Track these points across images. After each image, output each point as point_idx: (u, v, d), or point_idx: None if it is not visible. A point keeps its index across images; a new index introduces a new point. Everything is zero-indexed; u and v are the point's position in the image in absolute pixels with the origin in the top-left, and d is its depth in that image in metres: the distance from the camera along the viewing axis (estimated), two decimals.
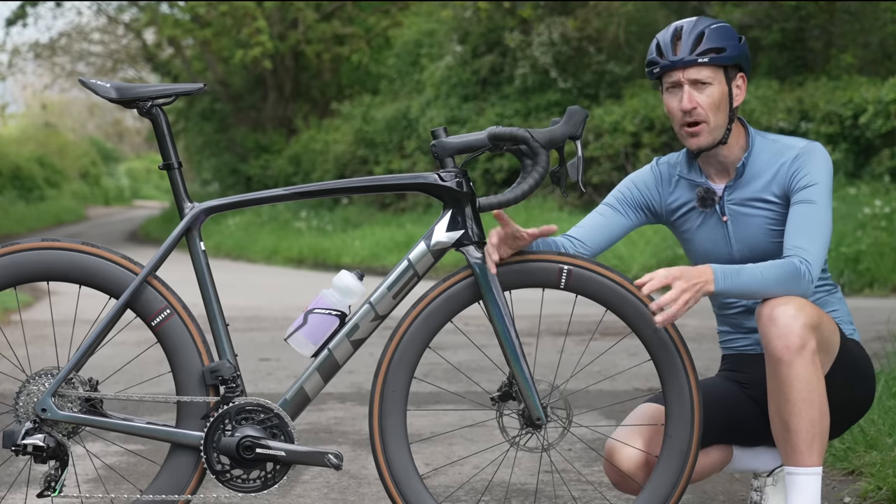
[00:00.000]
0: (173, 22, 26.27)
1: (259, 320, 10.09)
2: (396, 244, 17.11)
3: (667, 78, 3.37)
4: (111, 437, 4.58)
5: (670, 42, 3.35)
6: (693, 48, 3.32)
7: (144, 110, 3.30)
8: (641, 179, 3.52)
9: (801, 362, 3.16)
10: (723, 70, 3.34)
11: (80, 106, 53.00)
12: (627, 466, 3.37)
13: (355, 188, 3.39)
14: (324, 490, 4.35)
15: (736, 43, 3.35)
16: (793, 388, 3.17)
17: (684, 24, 3.38)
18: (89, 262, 3.27)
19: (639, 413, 3.46)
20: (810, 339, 3.17)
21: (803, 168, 3.31)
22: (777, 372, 3.18)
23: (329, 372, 3.29)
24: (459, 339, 5.36)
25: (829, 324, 3.29)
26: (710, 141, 3.36)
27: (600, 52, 18.07)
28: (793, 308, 3.17)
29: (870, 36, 16.31)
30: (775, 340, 3.17)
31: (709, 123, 3.34)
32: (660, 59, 3.37)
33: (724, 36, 3.34)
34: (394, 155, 20.89)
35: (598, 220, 3.51)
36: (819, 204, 3.28)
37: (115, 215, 39.66)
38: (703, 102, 3.33)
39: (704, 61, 3.31)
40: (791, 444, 3.21)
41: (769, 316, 3.18)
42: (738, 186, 3.40)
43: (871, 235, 11.68)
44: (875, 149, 13.71)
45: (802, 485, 3.21)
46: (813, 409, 3.18)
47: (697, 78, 3.33)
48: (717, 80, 3.34)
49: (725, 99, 3.35)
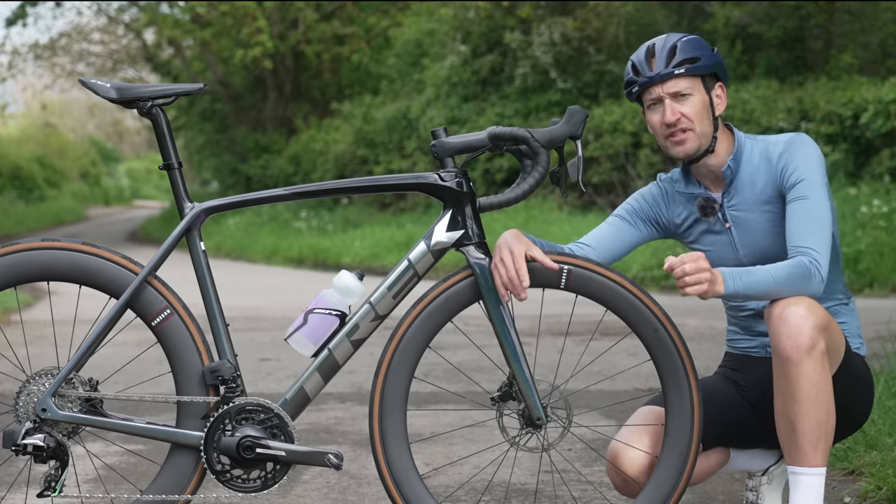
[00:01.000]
0: (173, 22, 26.27)
1: (259, 320, 10.09)
2: (396, 244, 17.11)
3: (647, 96, 3.39)
4: (111, 437, 4.58)
5: (645, 60, 3.37)
6: (668, 61, 3.34)
7: (144, 110, 3.30)
8: (650, 193, 3.54)
9: (809, 362, 3.15)
10: (700, 79, 3.36)
11: (80, 106, 53.04)
12: (632, 470, 3.36)
13: (355, 188, 3.39)
14: (324, 490, 4.35)
15: (709, 52, 3.37)
16: (801, 388, 3.16)
17: (656, 41, 3.41)
18: (89, 262, 3.27)
19: (640, 416, 3.46)
20: (820, 340, 3.17)
21: (790, 163, 3.31)
22: (786, 371, 3.18)
23: (329, 372, 3.29)
24: (459, 339, 5.37)
25: (836, 329, 3.29)
26: (696, 147, 3.36)
27: (600, 53, 18.07)
28: (803, 308, 3.17)
29: (870, 36, 16.31)
30: (785, 340, 3.16)
31: (695, 130, 3.35)
32: (637, 77, 3.38)
33: (696, 47, 3.36)
34: (394, 155, 20.89)
35: (609, 230, 3.51)
36: (813, 198, 3.27)
37: (115, 215, 39.66)
38: (687, 112, 3.35)
39: (681, 72, 3.33)
40: (796, 444, 3.20)
41: (779, 316, 3.18)
42: (735, 192, 3.40)
43: (871, 235, 11.68)
44: (875, 149, 13.70)
45: (806, 485, 3.21)
46: (820, 410, 3.18)
47: (677, 90, 3.34)
48: (697, 90, 3.35)
49: (707, 107, 3.36)
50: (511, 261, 3.22)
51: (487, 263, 3.28)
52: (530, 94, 18.68)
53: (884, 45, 16.20)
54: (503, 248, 3.24)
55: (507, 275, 3.22)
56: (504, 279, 3.23)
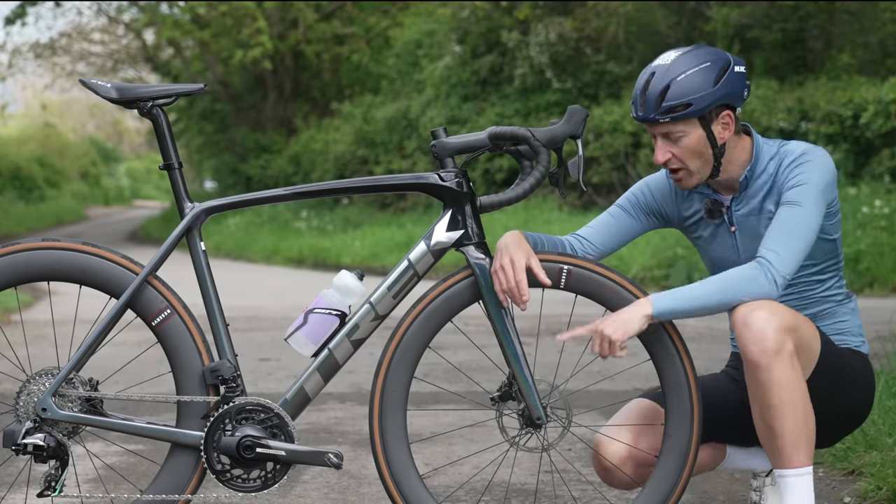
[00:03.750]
0: (172, 23, 26.26)
1: (259, 320, 10.09)
2: (396, 244, 17.11)
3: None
4: (111, 437, 4.58)
5: (639, 94, 3.26)
6: (656, 106, 3.22)
7: (145, 110, 3.31)
8: (657, 185, 3.48)
9: (779, 365, 3.12)
10: (696, 119, 3.23)
11: (80, 106, 53.03)
12: (613, 459, 3.37)
13: (355, 188, 3.39)
14: (324, 490, 4.35)
15: (709, 90, 3.19)
16: (773, 393, 3.13)
17: (656, 70, 3.24)
18: (90, 262, 3.27)
19: (630, 407, 3.46)
20: (787, 342, 3.13)
21: (797, 170, 3.25)
22: (756, 378, 3.15)
23: (329, 372, 3.29)
24: (459, 339, 5.36)
25: (806, 328, 3.24)
26: (695, 182, 3.31)
27: (598, 53, 18.07)
28: (765, 312, 3.13)
29: (869, 36, 16.31)
30: (750, 346, 3.13)
31: (687, 169, 3.28)
32: (633, 111, 3.31)
33: (694, 86, 3.19)
34: (394, 155, 20.89)
35: (608, 222, 3.49)
36: (803, 206, 3.20)
37: (115, 215, 39.66)
38: (678, 153, 3.26)
39: (665, 121, 3.22)
40: (777, 447, 3.18)
41: (742, 322, 3.14)
42: (745, 198, 3.35)
43: (871, 235, 11.68)
44: (875, 149, 13.71)
45: (794, 486, 3.20)
46: (796, 411, 3.14)
47: (666, 132, 3.25)
48: (691, 129, 3.24)
49: (703, 143, 3.25)
50: (511, 271, 3.21)
51: (487, 263, 3.28)
52: (530, 94, 18.68)
53: (883, 45, 16.19)
54: (503, 255, 3.24)
55: (507, 285, 3.22)
56: (504, 288, 3.23)
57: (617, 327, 3.16)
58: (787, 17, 16.16)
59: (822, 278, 3.37)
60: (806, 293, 3.37)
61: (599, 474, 3.46)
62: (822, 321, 3.39)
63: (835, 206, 3.31)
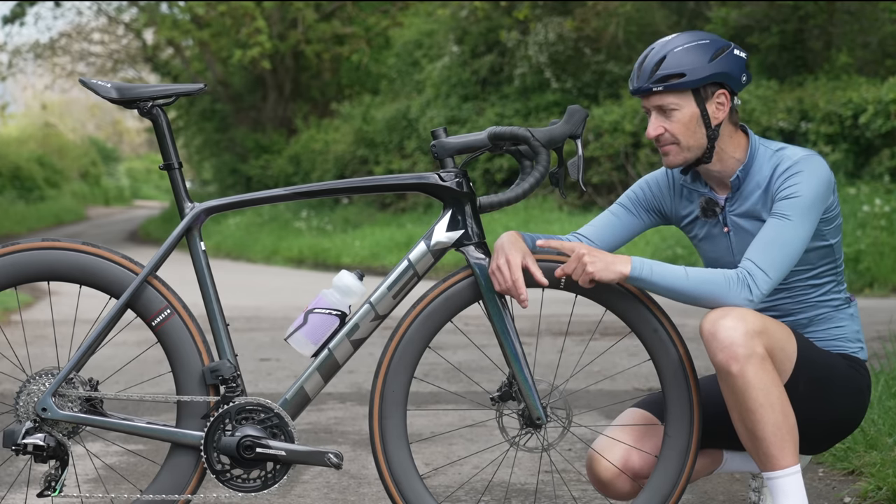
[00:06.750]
0: (172, 23, 26.27)
1: (259, 320, 10.09)
2: (396, 244, 17.11)
3: (642, 101, 3.34)
4: (111, 437, 4.58)
5: (637, 67, 3.28)
6: (650, 76, 3.24)
7: (145, 110, 3.31)
8: (656, 181, 3.47)
9: (751, 369, 3.11)
10: (690, 92, 3.24)
11: (80, 106, 53.05)
12: (606, 474, 3.37)
13: (355, 188, 3.39)
14: (324, 490, 4.35)
15: (705, 63, 3.20)
16: (749, 397, 3.12)
17: (655, 46, 3.28)
18: (90, 262, 3.28)
19: (624, 418, 3.46)
20: (756, 345, 3.12)
21: (789, 181, 3.22)
22: (730, 385, 3.14)
23: (329, 372, 3.30)
24: (459, 339, 5.37)
25: (779, 331, 3.22)
26: (681, 161, 3.29)
27: (598, 53, 18.07)
28: (731, 319, 3.13)
29: (869, 36, 16.31)
30: (719, 354, 3.13)
31: (679, 144, 3.27)
32: (630, 85, 3.33)
33: (689, 58, 3.21)
34: (394, 155, 20.89)
35: (609, 220, 3.48)
36: (792, 219, 3.18)
37: (115, 215, 39.66)
38: (671, 127, 3.26)
39: (659, 90, 3.23)
40: (762, 451, 3.17)
41: (710, 331, 3.14)
42: (739, 199, 3.33)
43: (871, 235, 11.67)
44: (875, 149, 13.71)
45: (784, 487, 3.18)
46: (775, 413, 3.13)
47: (660, 104, 3.26)
48: (685, 104, 3.24)
49: (697, 120, 3.25)
50: (507, 271, 3.21)
51: (487, 263, 3.28)
52: (530, 93, 18.68)
53: (883, 45, 16.19)
54: (500, 256, 3.23)
55: (505, 285, 3.22)
56: (502, 288, 3.24)
57: (597, 267, 3.16)
58: (787, 18, 16.16)
59: (818, 283, 3.34)
60: (800, 297, 3.35)
61: (596, 487, 3.46)
62: (817, 326, 3.37)
63: (832, 211, 3.29)
